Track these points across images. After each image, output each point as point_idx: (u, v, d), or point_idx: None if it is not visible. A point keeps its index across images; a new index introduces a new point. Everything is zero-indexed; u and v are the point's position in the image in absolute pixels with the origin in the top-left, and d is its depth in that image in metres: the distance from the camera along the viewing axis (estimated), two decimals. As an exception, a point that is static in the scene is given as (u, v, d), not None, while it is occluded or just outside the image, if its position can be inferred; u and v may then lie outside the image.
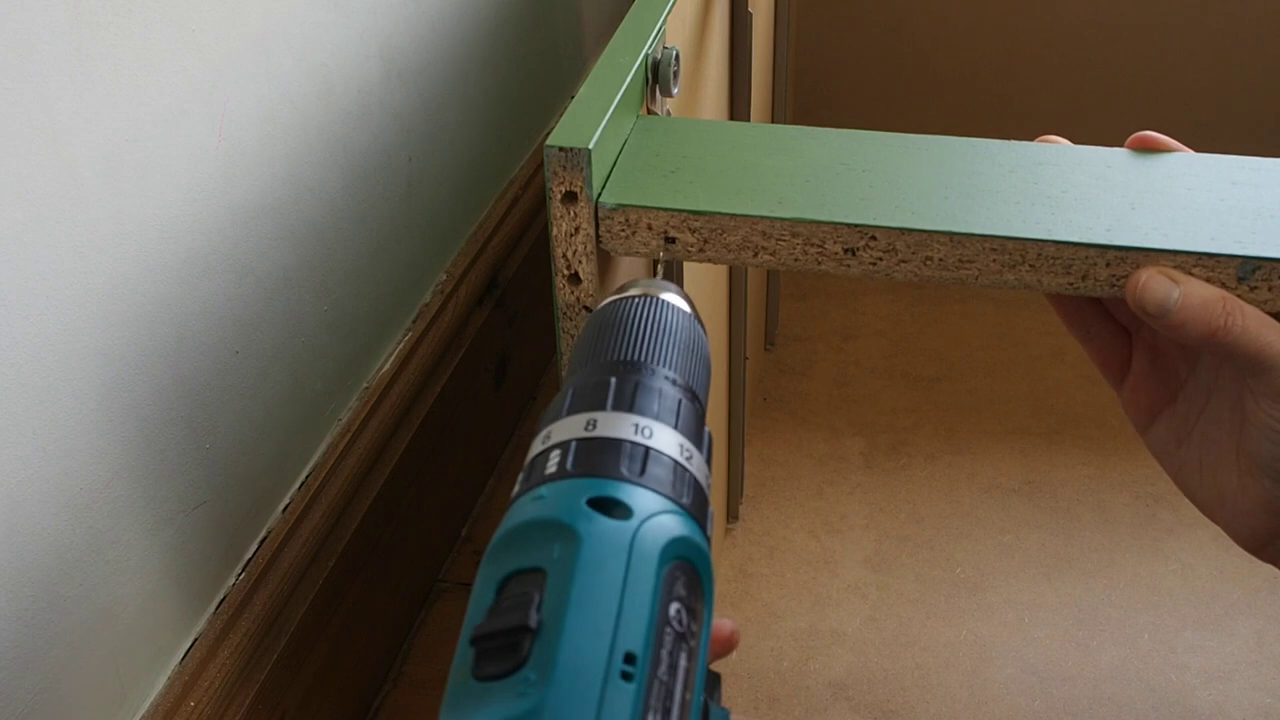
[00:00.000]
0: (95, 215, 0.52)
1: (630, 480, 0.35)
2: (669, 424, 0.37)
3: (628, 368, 0.40)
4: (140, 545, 0.59)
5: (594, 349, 0.41)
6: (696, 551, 0.35)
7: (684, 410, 0.39)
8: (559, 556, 0.32)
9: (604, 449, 0.36)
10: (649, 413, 0.37)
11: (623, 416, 0.37)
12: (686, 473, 0.37)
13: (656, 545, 0.33)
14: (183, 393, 0.60)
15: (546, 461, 0.36)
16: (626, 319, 0.42)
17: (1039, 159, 0.52)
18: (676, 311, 0.43)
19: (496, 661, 0.31)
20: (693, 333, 0.43)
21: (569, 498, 0.34)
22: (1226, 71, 1.45)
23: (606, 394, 0.38)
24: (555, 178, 0.49)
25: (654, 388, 0.38)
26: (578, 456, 0.36)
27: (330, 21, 0.71)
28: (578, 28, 1.20)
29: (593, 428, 0.36)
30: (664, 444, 0.36)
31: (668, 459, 0.36)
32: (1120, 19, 1.44)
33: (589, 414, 0.37)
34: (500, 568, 0.34)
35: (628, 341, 0.41)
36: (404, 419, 0.84)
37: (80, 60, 0.50)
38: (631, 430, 0.36)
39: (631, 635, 0.31)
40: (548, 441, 0.37)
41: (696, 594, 0.35)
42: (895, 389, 1.24)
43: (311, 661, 0.72)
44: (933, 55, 1.50)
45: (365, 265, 0.79)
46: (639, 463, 0.35)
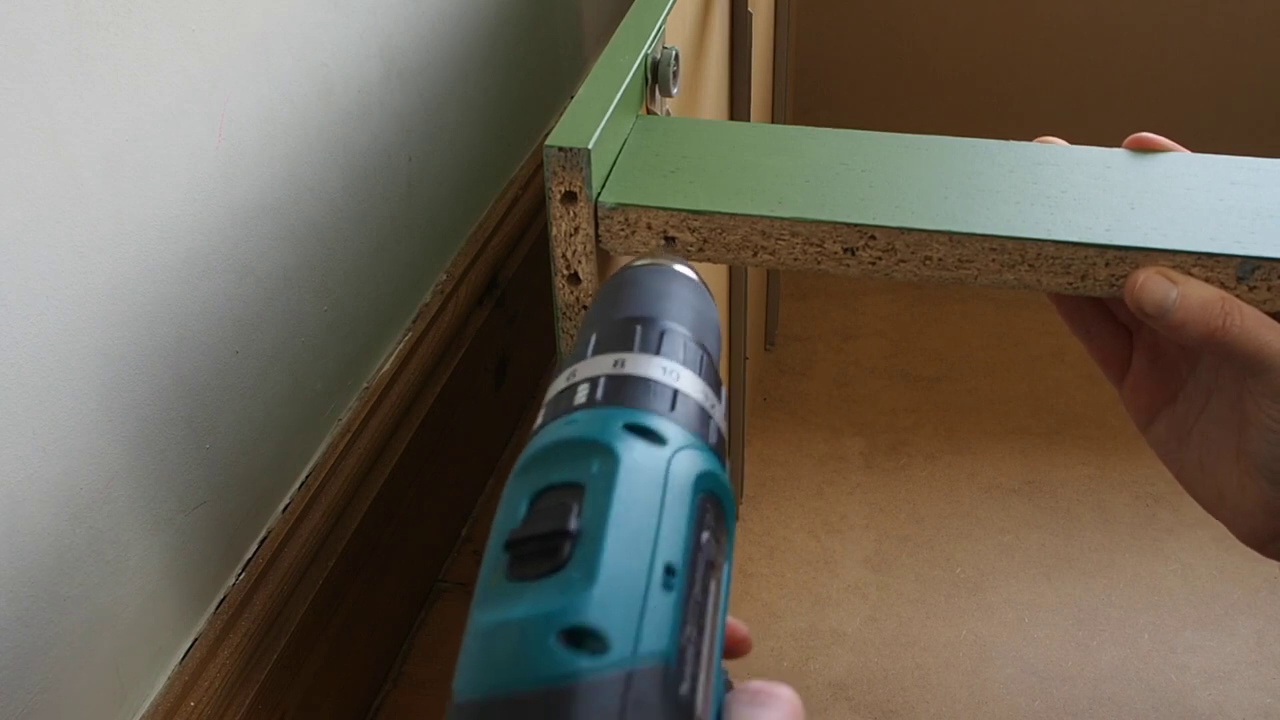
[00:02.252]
0: (95, 215, 0.52)
1: (661, 413, 0.35)
2: (694, 371, 0.38)
3: (649, 321, 0.40)
4: (140, 545, 0.59)
5: (612, 306, 0.42)
6: (723, 489, 0.35)
7: (705, 364, 0.39)
8: (597, 472, 0.32)
9: (634, 384, 0.36)
10: (675, 358, 0.38)
11: (650, 359, 0.37)
12: (710, 418, 0.37)
13: (691, 474, 0.33)
14: (183, 393, 0.60)
15: (574, 394, 0.36)
16: (643, 281, 0.43)
17: (1038, 159, 0.52)
18: (688, 279, 0.44)
19: (534, 564, 0.31)
20: (704, 299, 0.44)
21: (604, 421, 0.34)
22: (1226, 71, 1.45)
23: (633, 338, 0.38)
24: (555, 178, 0.49)
25: (679, 338, 0.39)
26: (608, 389, 0.36)
27: (330, 21, 0.71)
28: (578, 28, 1.20)
29: (621, 366, 0.37)
30: (690, 388, 0.37)
31: (694, 401, 0.36)
32: (1120, 19, 1.44)
33: (616, 354, 0.37)
34: (533, 482, 0.34)
35: (647, 299, 0.42)
36: (404, 419, 0.84)
37: (80, 60, 0.50)
38: (660, 372, 0.37)
39: (671, 549, 0.31)
40: (574, 378, 0.37)
41: (723, 531, 0.35)
42: (895, 389, 1.24)
43: (311, 661, 0.72)
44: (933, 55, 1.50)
45: (365, 265, 0.79)
46: (668, 400, 0.36)
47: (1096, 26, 1.45)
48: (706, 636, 0.32)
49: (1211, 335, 0.44)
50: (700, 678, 0.31)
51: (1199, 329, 0.44)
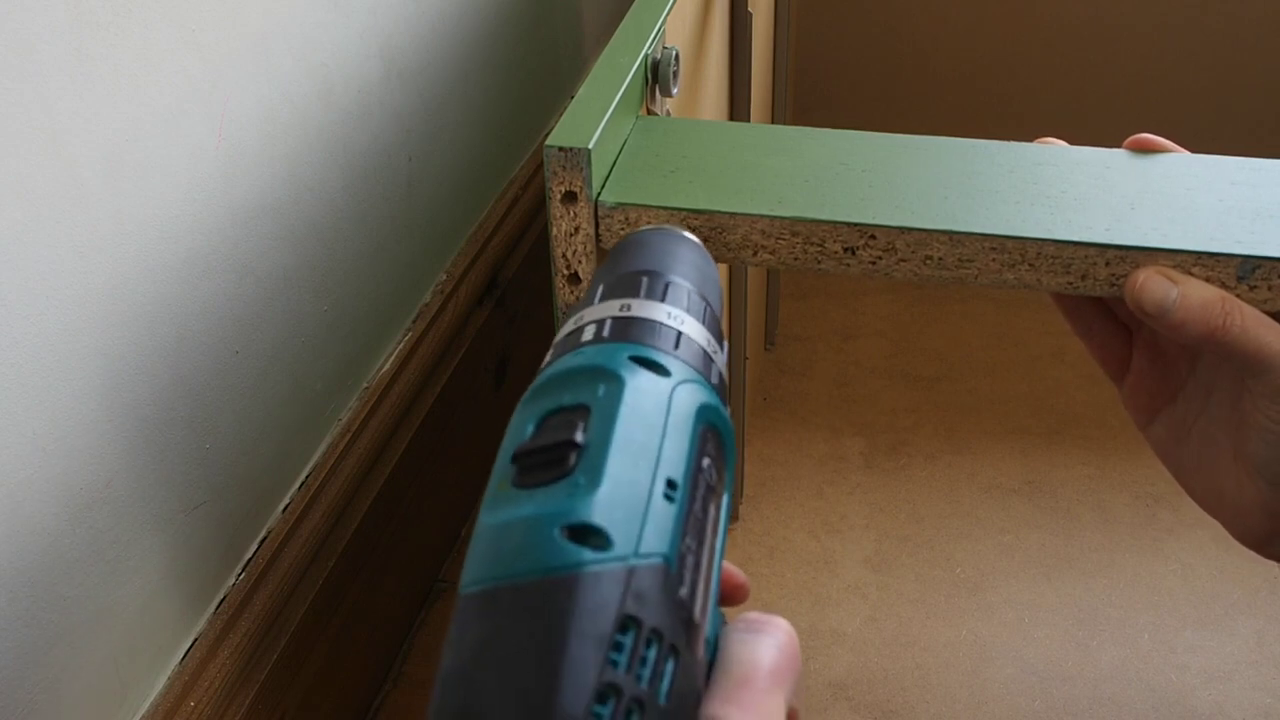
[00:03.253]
0: (95, 215, 0.52)
1: (665, 350, 0.36)
2: (697, 319, 0.39)
3: (654, 273, 0.41)
4: (140, 545, 0.59)
5: (618, 262, 0.43)
6: (724, 423, 0.36)
7: (708, 314, 0.40)
8: (603, 395, 0.34)
9: (640, 324, 0.37)
10: (679, 305, 0.39)
11: (655, 304, 0.39)
12: (713, 361, 0.38)
13: (694, 403, 0.35)
14: (183, 393, 0.60)
15: (582, 333, 0.38)
16: (649, 240, 0.44)
17: (1038, 159, 0.52)
18: (692, 242, 0.45)
19: (541, 472, 0.32)
20: (707, 260, 0.45)
21: (611, 352, 0.36)
22: (1226, 71, 1.45)
23: (639, 286, 0.40)
24: (555, 177, 0.49)
25: (683, 288, 0.40)
26: (615, 328, 0.37)
27: (330, 21, 0.71)
28: (578, 28, 1.20)
29: (628, 310, 0.38)
30: (693, 332, 0.38)
31: (697, 344, 0.38)
32: (1120, 19, 1.44)
33: (623, 299, 0.39)
34: (541, 405, 0.35)
35: (653, 255, 0.43)
36: (404, 419, 0.84)
37: (80, 60, 0.50)
38: (665, 316, 0.38)
39: (672, 466, 0.32)
40: (581, 321, 0.39)
41: (723, 462, 0.36)
42: (895, 389, 1.24)
43: (311, 661, 0.72)
44: (933, 55, 1.50)
45: (365, 265, 0.79)
46: (672, 340, 0.37)
47: (1096, 26, 1.45)
48: (705, 552, 0.33)
49: (1211, 335, 0.44)
50: (699, 586, 0.32)
51: (1199, 328, 0.44)
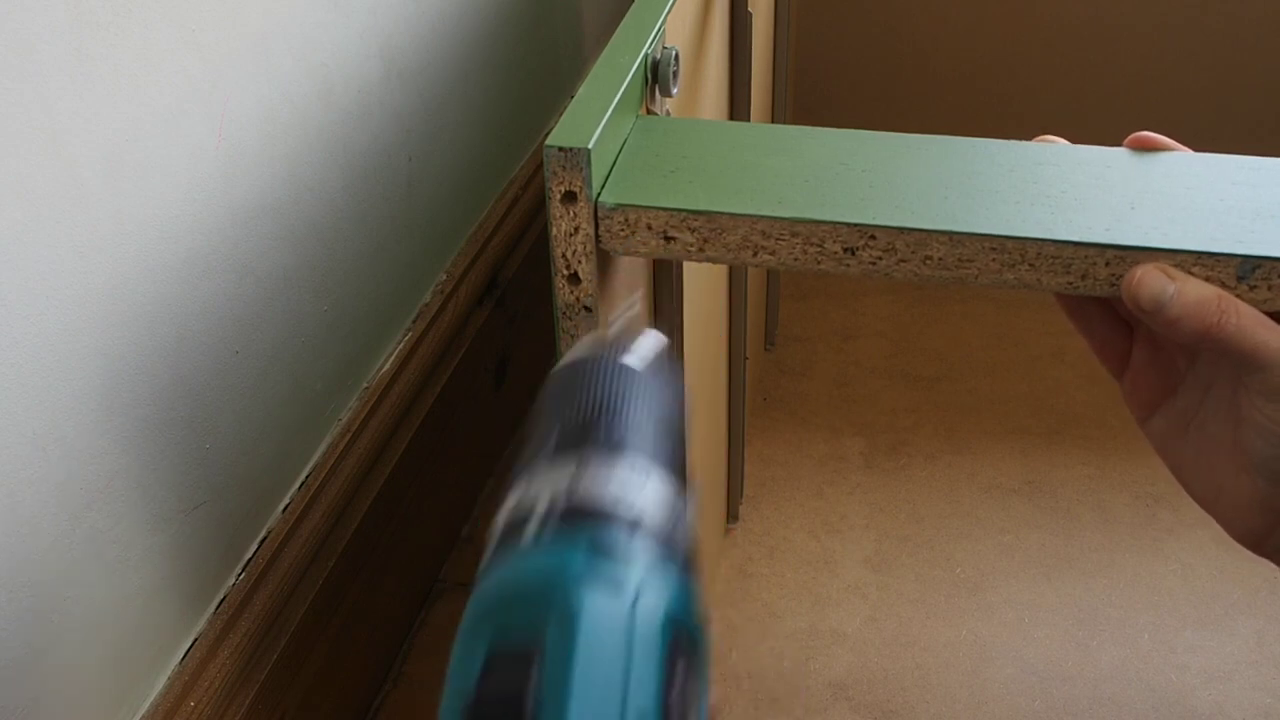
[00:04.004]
0: (95, 215, 0.52)
1: (621, 543, 0.33)
2: (657, 472, 0.36)
3: (606, 426, 0.38)
4: (140, 545, 0.59)
5: (568, 405, 0.39)
6: (691, 611, 0.33)
7: (666, 462, 0.37)
8: (554, 639, 0.30)
9: (591, 506, 0.34)
10: (635, 466, 0.36)
11: (609, 472, 0.35)
12: (676, 524, 0.35)
13: (657, 616, 0.31)
14: (183, 393, 0.60)
15: (529, 522, 0.34)
16: (599, 377, 0.40)
17: (1039, 159, 0.52)
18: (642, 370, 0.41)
19: None
20: (663, 384, 0.41)
21: (559, 566, 0.32)
22: (1226, 71, 1.45)
23: (588, 450, 0.36)
24: (555, 178, 0.49)
25: (636, 440, 0.37)
26: (563, 517, 0.34)
27: (330, 21, 0.71)
28: (578, 28, 1.20)
29: (576, 488, 0.34)
30: (653, 502, 0.35)
31: (656, 514, 0.34)
32: (1120, 19, 1.44)
33: (570, 468, 0.35)
34: (486, 643, 0.32)
35: (603, 397, 0.39)
36: (404, 419, 0.84)
37: (80, 60, 0.50)
38: (619, 489, 0.34)
39: None
40: (529, 499, 0.35)
41: (694, 673, 0.33)
42: (895, 389, 1.24)
43: (311, 661, 0.72)
44: (933, 55, 1.50)
45: (365, 265, 0.79)
46: (629, 523, 0.33)
47: (1096, 26, 1.45)
48: None
49: (1207, 333, 0.44)
50: None
51: (1194, 325, 0.44)
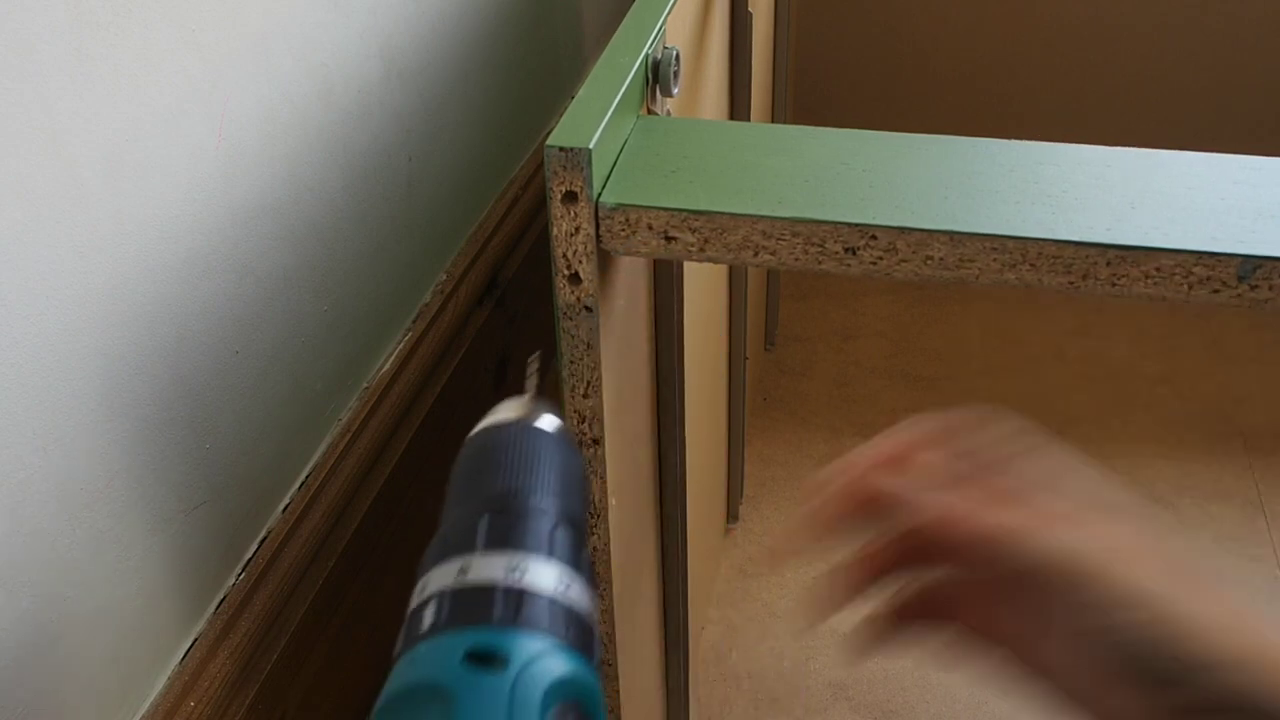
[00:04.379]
0: (95, 215, 0.52)
1: (505, 626, 0.34)
2: (544, 555, 0.37)
3: (500, 501, 0.39)
4: (140, 545, 0.59)
5: (468, 482, 0.41)
6: (581, 688, 0.34)
7: (559, 539, 0.38)
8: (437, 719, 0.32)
9: (477, 597, 0.35)
10: (522, 548, 0.37)
11: (494, 558, 0.36)
12: (565, 606, 0.36)
13: (537, 693, 0.33)
14: (183, 393, 0.60)
15: (422, 617, 0.36)
16: (497, 449, 0.42)
17: (1039, 159, 0.52)
18: (546, 437, 0.43)
19: None
20: (565, 455, 0.42)
21: (443, 655, 0.34)
22: (1226, 71, 1.45)
23: (477, 535, 0.38)
24: (555, 178, 0.49)
25: (526, 522, 0.38)
26: (452, 608, 0.35)
27: (330, 21, 0.71)
28: (578, 28, 1.20)
29: (465, 574, 0.36)
30: (539, 581, 0.36)
31: (544, 597, 0.36)
32: (1120, 19, 1.44)
33: (461, 559, 0.37)
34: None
35: (499, 473, 0.41)
36: (404, 419, 0.84)
37: (80, 60, 0.50)
38: (502, 572, 0.36)
39: None
40: (424, 594, 0.37)
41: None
42: (895, 389, 1.24)
43: (311, 661, 0.72)
44: (933, 55, 1.50)
45: (365, 265, 0.79)
46: (513, 607, 0.35)
47: (1096, 26, 1.45)
48: None
49: None
50: None
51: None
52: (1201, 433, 1.35)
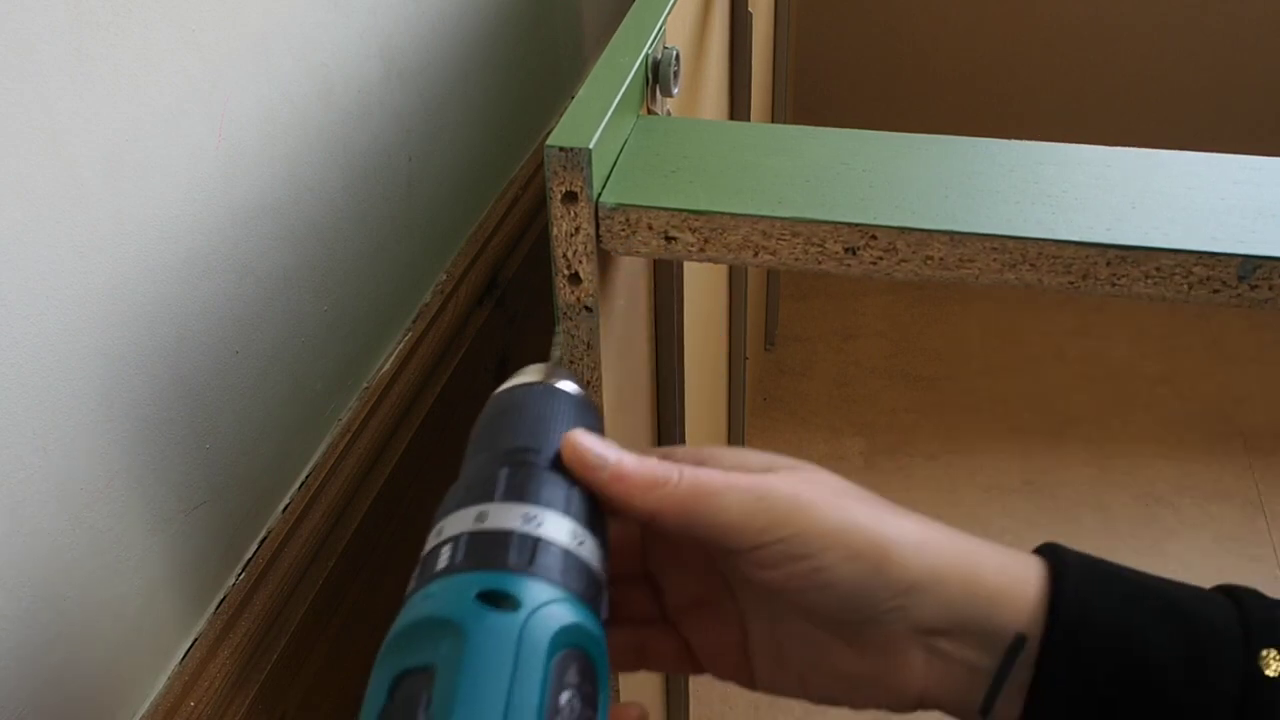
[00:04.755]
0: (95, 215, 0.52)
1: (519, 571, 0.35)
2: (560, 510, 0.38)
3: (519, 455, 0.40)
4: (140, 545, 0.59)
5: (488, 438, 0.42)
6: (588, 638, 0.35)
7: (575, 497, 0.39)
8: (447, 653, 0.32)
9: (493, 541, 0.36)
10: (538, 501, 0.37)
11: (512, 507, 0.37)
12: (578, 560, 0.37)
13: (545, 635, 0.33)
14: (183, 393, 0.60)
15: (438, 558, 0.37)
16: (519, 406, 0.42)
17: (1039, 158, 0.52)
18: (569, 398, 0.43)
19: None
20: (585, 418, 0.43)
21: (457, 593, 0.34)
22: (1226, 71, 1.45)
23: (496, 485, 0.38)
24: (555, 178, 0.49)
25: (544, 475, 0.39)
26: (468, 550, 0.36)
27: (330, 21, 0.71)
28: (578, 28, 1.20)
29: (483, 520, 0.37)
30: (554, 532, 0.37)
31: (557, 548, 0.36)
32: (1120, 19, 1.44)
33: (479, 506, 0.38)
34: (391, 667, 0.34)
35: (518, 429, 0.41)
36: (404, 419, 0.84)
37: (80, 60, 0.50)
38: (520, 520, 0.37)
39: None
40: (440, 536, 0.38)
41: (590, 680, 0.35)
42: (895, 389, 1.24)
43: (311, 661, 0.72)
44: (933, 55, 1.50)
45: (365, 265, 0.79)
46: (528, 553, 0.36)
47: (1096, 26, 1.45)
48: None
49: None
50: None
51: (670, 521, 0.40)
52: (1201, 433, 1.35)
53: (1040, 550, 0.43)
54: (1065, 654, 0.40)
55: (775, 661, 0.45)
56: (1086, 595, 0.41)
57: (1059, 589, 0.41)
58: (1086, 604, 0.41)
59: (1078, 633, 0.40)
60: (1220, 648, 0.39)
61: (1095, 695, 0.40)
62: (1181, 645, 0.39)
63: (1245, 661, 0.39)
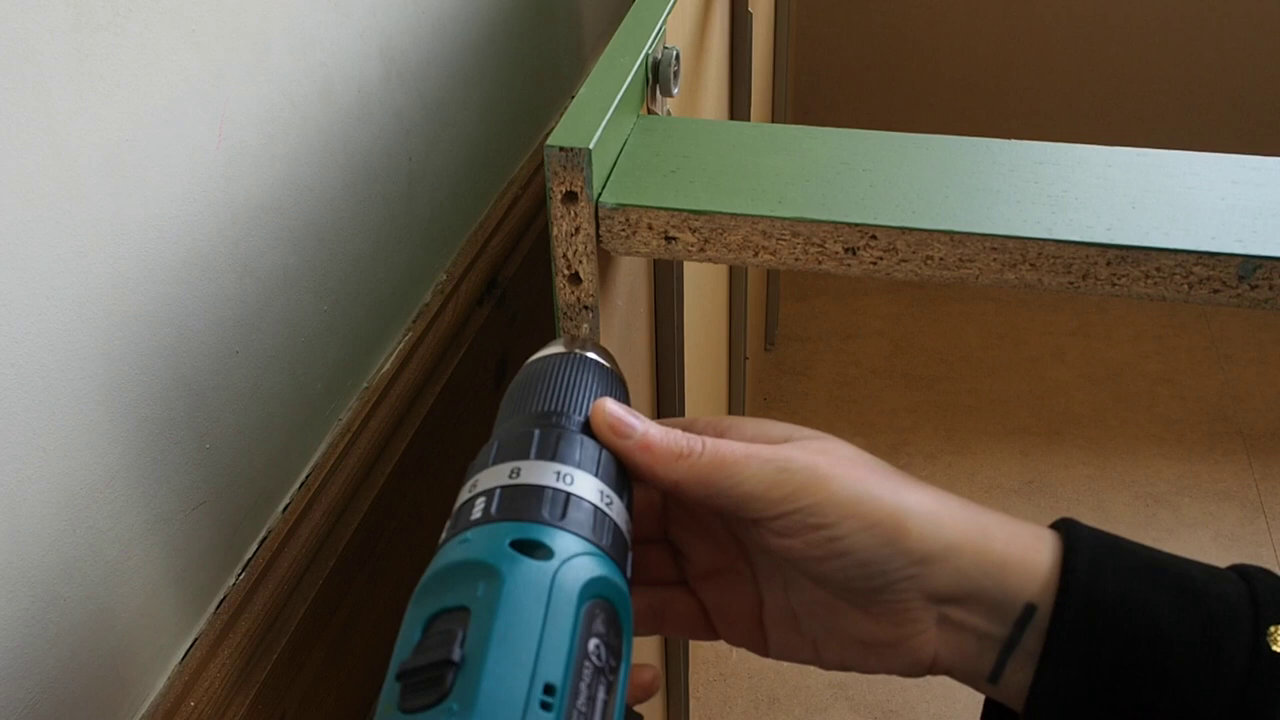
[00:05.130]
0: (95, 215, 0.52)
1: (551, 524, 0.36)
2: (590, 472, 0.39)
3: (551, 419, 0.41)
4: (140, 545, 0.59)
5: (520, 401, 0.43)
6: (615, 591, 0.36)
7: (604, 459, 0.40)
8: (483, 595, 0.34)
9: (527, 495, 0.37)
10: (570, 461, 0.39)
11: (545, 465, 0.38)
12: (606, 518, 0.38)
13: (576, 584, 0.35)
14: (183, 393, 0.60)
15: (472, 508, 0.38)
16: (551, 374, 0.44)
17: (1039, 158, 0.52)
18: (598, 366, 0.45)
19: (421, 694, 0.32)
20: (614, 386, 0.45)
21: (493, 540, 0.35)
22: (1226, 71, 1.45)
23: (530, 444, 0.39)
24: (555, 178, 0.49)
25: (575, 438, 0.40)
26: (501, 502, 0.37)
27: (330, 21, 0.71)
28: (578, 28, 1.20)
29: (516, 475, 0.38)
30: (584, 490, 0.38)
31: (588, 504, 0.38)
32: (1121, 20, 1.44)
33: (513, 463, 0.39)
34: (426, 608, 0.35)
35: (551, 394, 0.43)
36: (404, 419, 0.84)
37: (80, 60, 0.50)
38: (553, 477, 0.38)
39: (551, 668, 0.33)
40: (474, 490, 0.39)
41: (616, 632, 0.36)
42: (895, 389, 1.24)
43: (311, 661, 0.72)
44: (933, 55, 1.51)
45: (365, 265, 0.79)
46: (560, 507, 0.37)
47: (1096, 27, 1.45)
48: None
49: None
50: None
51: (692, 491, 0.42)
52: (1201, 433, 1.35)
53: (1055, 525, 0.44)
54: (1075, 625, 0.40)
55: (790, 627, 0.46)
56: (1098, 568, 0.41)
57: (1070, 561, 0.41)
58: (1098, 576, 0.41)
59: (1088, 604, 0.40)
60: (1230, 623, 0.40)
61: (1104, 665, 0.40)
62: (1191, 619, 0.40)
63: (1254, 636, 0.39)
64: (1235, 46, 1.43)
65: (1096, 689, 0.40)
